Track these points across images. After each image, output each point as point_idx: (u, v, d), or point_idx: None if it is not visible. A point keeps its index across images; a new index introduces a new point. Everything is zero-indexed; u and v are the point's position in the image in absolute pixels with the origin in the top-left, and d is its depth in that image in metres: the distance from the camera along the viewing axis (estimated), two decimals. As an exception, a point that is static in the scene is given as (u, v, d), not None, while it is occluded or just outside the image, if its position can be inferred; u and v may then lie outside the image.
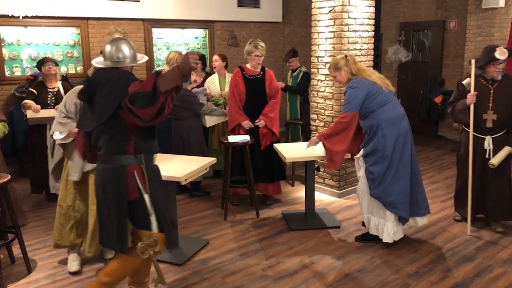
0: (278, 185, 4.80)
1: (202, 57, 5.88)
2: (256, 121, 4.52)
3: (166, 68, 5.53)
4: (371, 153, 3.59)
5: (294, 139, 5.97)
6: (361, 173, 3.73)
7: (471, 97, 3.76)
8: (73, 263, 3.40)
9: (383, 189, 3.55)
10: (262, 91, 4.56)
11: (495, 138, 3.86)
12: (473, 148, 3.88)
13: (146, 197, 2.59)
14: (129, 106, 2.37)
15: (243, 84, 4.52)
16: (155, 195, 2.63)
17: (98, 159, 2.66)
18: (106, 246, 2.76)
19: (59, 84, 4.82)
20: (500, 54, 3.70)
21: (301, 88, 5.98)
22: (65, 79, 5.34)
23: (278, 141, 4.65)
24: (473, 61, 3.78)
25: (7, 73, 6.05)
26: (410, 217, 3.65)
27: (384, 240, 3.65)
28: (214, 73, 5.59)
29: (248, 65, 4.60)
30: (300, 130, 6.07)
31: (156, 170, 2.72)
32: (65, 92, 4.49)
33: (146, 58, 2.84)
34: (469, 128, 3.88)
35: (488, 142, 3.86)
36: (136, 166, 2.57)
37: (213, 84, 5.40)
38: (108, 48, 2.66)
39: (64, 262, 3.52)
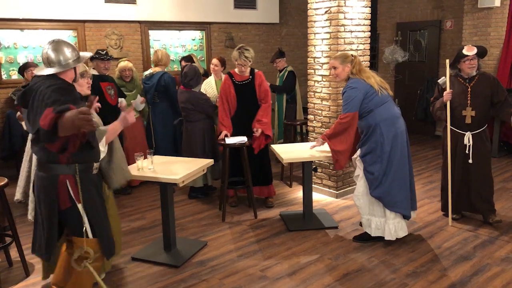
0: (270, 187, 4.79)
1: (189, 59, 5.85)
2: (253, 133, 4.46)
3: (157, 70, 5.49)
4: (370, 153, 3.61)
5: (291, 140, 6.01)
6: (359, 173, 3.74)
7: (447, 95, 3.97)
8: None
9: (384, 189, 3.58)
10: (252, 95, 4.53)
11: (474, 134, 4.01)
12: (454, 144, 4.08)
13: (80, 206, 2.56)
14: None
15: (234, 91, 4.50)
16: (91, 204, 2.61)
17: (36, 166, 2.63)
18: (37, 254, 2.72)
19: None
20: (468, 50, 3.96)
21: (287, 87, 6.02)
22: None
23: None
24: (447, 61, 4.04)
25: (4, 77, 6.04)
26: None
27: (386, 238, 3.67)
28: (210, 75, 5.59)
29: (236, 70, 4.58)
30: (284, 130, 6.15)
31: (93, 179, 2.69)
32: None
33: (87, 55, 2.75)
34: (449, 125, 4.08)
35: (467, 138, 4.01)
36: (69, 175, 2.53)
37: (210, 86, 5.39)
38: (44, 51, 2.58)
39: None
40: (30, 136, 3.27)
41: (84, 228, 2.57)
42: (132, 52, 7.00)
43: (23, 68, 4.78)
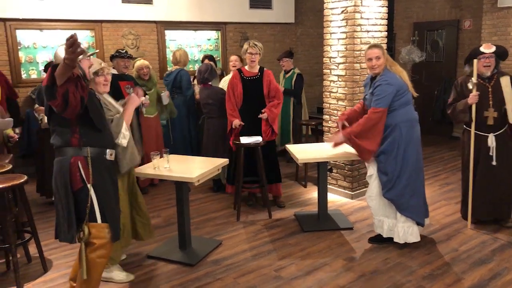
0: (276, 186, 4.78)
1: (211, 58, 5.91)
2: (261, 113, 4.49)
3: (175, 68, 5.65)
4: (385, 153, 3.55)
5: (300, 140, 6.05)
6: (372, 173, 3.70)
7: (473, 97, 3.79)
8: (123, 274, 3.33)
9: (397, 192, 3.54)
10: (259, 92, 4.54)
11: (497, 135, 3.91)
12: (476, 147, 3.95)
13: (90, 187, 2.64)
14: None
15: (241, 86, 4.52)
16: (103, 188, 2.69)
17: (55, 154, 2.75)
18: (62, 239, 2.75)
19: None
20: (485, 47, 3.85)
21: (298, 90, 6.08)
22: None
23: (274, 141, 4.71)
24: (475, 61, 3.80)
25: (23, 76, 6.16)
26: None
27: (395, 240, 3.65)
28: (227, 74, 5.63)
29: (246, 67, 4.60)
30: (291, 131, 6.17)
31: (107, 164, 2.77)
32: None
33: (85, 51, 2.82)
34: (470, 127, 3.96)
35: (491, 140, 3.90)
36: (80, 157, 2.65)
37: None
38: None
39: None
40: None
41: (89, 208, 2.62)
42: (149, 52, 7.07)
43: (48, 67, 4.89)
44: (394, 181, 3.53)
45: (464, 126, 4.10)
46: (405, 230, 3.60)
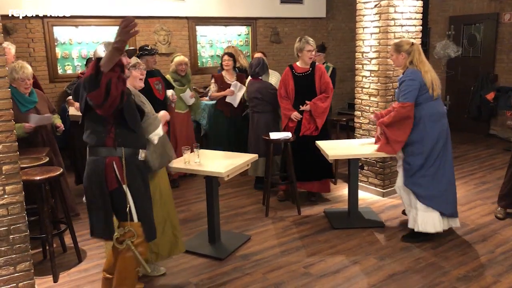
0: (326, 183, 4.73)
1: (231, 55, 5.89)
2: (304, 106, 4.46)
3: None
4: (411, 144, 3.62)
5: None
6: (400, 164, 3.74)
7: None
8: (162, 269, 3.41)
9: (415, 180, 3.61)
10: (311, 87, 4.51)
11: None
12: None
13: (125, 187, 2.64)
14: (85, 95, 2.44)
15: (293, 82, 4.50)
16: (136, 188, 2.69)
17: (88, 152, 2.75)
18: (98, 236, 2.80)
19: None
20: None
21: (333, 84, 5.96)
22: None
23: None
24: None
25: (59, 71, 6.34)
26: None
27: (409, 226, 3.72)
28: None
29: (298, 63, 4.57)
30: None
31: (139, 165, 2.77)
32: None
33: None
34: None
35: None
36: (115, 158, 2.64)
37: None
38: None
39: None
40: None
41: (128, 208, 2.64)
42: (180, 48, 7.14)
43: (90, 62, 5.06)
44: (414, 171, 3.60)
45: None
46: (424, 219, 3.61)
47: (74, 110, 4.78)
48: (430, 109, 3.58)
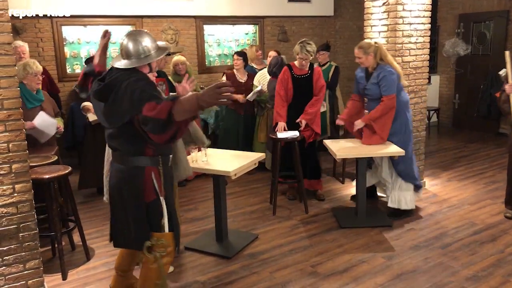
0: (318, 182, 4.77)
1: (243, 54, 5.89)
2: (297, 120, 4.46)
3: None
4: (396, 133, 4.06)
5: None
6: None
7: (509, 87, 3.87)
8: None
9: (406, 163, 4.11)
10: (309, 89, 4.51)
11: None
12: None
13: (162, 199, 2.55)
14: (140, 125, 2.29)
15: (291, 83, 4.49)
16: (169, 197, 2.61)
17: (113, 159, 2.62)
18: (123, 246, 2.71)
19: None
20: None
21: (334, 83, 5.96)
22: None
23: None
24: (507, 53, 3.94)
25: (68, 71, 6.38)
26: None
27: (393, 206, 4.19)
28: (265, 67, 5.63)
29: (296, 63, 4.56)
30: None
31: (170, 172, 2.71)
32: None
33: (168, 48, 2.68)
34: None
35: None
36: (154, 168, 2.52)
37: (264, 78, 5.44)
38: (125, 44, 2.49)
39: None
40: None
41: (162, 222, 2.55)
42: (187, 47, 7.15)
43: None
44: (405, 156, 4.02)
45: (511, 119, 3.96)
46: (409, 198, 4.17)
47: (93, 116, 4.71)
48: (404, 97, 4.13)
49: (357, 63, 4.21)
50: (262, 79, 5.50)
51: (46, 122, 3.92)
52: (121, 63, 2.48)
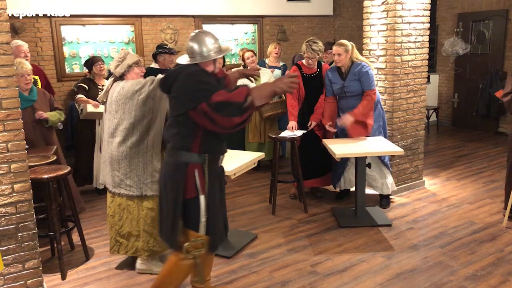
0: (328, 176, 4.75)
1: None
2: (308, 125, 4.48)
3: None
4: (376, 121, 4.31)
5: None
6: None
7: None
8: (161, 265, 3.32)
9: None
10: (318, 88, 4.51)
11: None
12: None
13: (202, 198, 2.53)
14: (210, 112, 2.34)
15: (302, 83, 4.48)
16: (212, 197, 2.56)
17: (166, 151, 2.68)
18: (163, 238, 2.70)
19: (105, 81, 5.01)
20: None
21: None
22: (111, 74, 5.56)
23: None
24: None
25: (67, 70, 6.37)
26: None
27: (385, 193, 4.46)
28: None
29: (304, 61, 4.55)
30: None
31: (219, 172, 2.67)
32: None
33: (229, 49, 2.81)
34: None
35: None
36: (198, 165, 2.51)
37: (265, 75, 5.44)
38: (189, 44, 2.61)
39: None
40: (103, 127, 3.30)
41: (200, 221, 2.54)
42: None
43: (92, 63, 5.02)
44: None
45: None
46: (392, 182, 4.47)
47: (92, 107, 4.73)
48: (378, 93, 4.42)
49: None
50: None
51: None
52: (185, 60, 2.61)
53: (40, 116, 3.99)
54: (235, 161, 3.57)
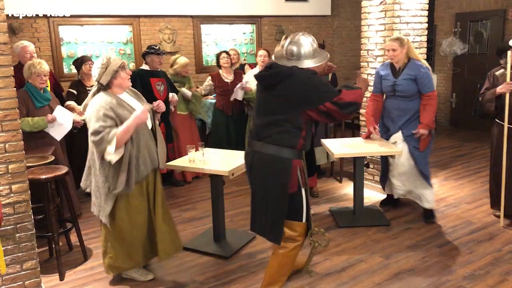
0: (315, 177, 4.85)
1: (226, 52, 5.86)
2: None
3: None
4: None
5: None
6: (404, 150, 3.94)
7: (508, 86, 3.68)
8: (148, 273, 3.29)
9: (426, 160, 4.03)
10: None
11: None
12: (509, 141, 3.81)
13: (303, 191, 2.73)
14: (334, 110, 2.56)
15: None
16: (305, 189, 2.76)
17: (256, 147, 2.70)
18: (258, 233, 2.86)
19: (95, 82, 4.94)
20: None
21: (335, 85, 5.91)
22: None
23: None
24: (509, 52, 3.69)
25: (65, 71, 6.37)
26: None
27: (428, 207, 4.08)
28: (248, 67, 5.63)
29: None
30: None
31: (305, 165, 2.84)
32: None
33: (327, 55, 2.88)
34: (500, 120, 3.84)
35: None
36: (299, 161, 2.68)
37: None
38: (303, 47, 2.74)
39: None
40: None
41: (302, 211, 2.75)
42: (184, 47, 7.15)
43: (81, 62, 4.98)
44: (427, 152, 4.04)
45: (496, 119, 4.00)
46: (433, 199, 4.09)
47: (77, 116, 4.43)
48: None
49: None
50: (251, 78, 5.42)
51: (64, 115, 3.96)
52: (304, 63, 2.69)
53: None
54: (233, 161, 3.57)
